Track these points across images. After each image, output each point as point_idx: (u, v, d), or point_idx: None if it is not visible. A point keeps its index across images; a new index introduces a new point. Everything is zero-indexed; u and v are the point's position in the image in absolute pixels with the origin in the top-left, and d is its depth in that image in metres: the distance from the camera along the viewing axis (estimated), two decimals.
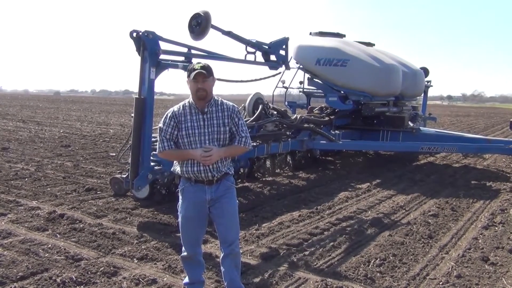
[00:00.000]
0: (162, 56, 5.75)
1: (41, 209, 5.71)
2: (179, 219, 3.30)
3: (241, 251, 4.41)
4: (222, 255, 3.31)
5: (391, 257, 4.38)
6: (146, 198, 6.17)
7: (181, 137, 3.15)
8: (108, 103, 47.25)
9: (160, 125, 3.21)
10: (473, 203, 6.72)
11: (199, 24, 6.23)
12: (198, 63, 3.19)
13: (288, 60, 8.14)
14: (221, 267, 3.34)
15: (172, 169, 3.40)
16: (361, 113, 10.23)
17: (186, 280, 3.44)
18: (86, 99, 63.56)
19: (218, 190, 3.20)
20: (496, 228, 5.43)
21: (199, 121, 3.14)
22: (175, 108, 3.22)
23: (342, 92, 10.03)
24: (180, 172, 3.24)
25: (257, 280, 3.82)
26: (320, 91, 10.93)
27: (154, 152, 6.08)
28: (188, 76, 3.13)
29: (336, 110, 10.44)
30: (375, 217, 5.74)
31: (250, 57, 7.36)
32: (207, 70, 3.11)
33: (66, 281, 3.64)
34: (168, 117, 3.19)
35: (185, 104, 3.21)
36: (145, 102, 5.63)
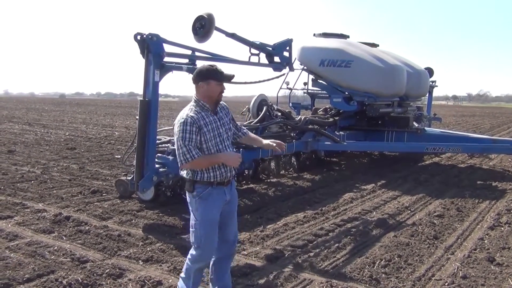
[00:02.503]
0: (166, 59, 5.78)
1: (47, 212, 5.75)
2: (200, 226, 3.11)
3: (245, 253, 4.44)
4: (219, 255, 3.29)
5: (396, 258, 4.37)
6: (151, 200, 6.19)
7: (206, 141, 3.06)
8: (113, 105, 47.45)
9: (181, 134, 3.00)
10: (479, 203, 6.69)
11: (203, 26, 6.25)
12: (212, 65, 3.16)
13: (292, 61, 8.15)
14: (213, 267, 3.34)
15: (180, 174, 3.30)
16: (365, 114, 10.20)
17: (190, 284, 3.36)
18: (91, 101, 63.87)
19: (232, 189, 3.26)
20: (502, 229, 5.40)
21: (216, 122, 3.14)
22: (190, 114, 3.05)
23: (346, 93, 10.01)
24: (198, 178, 3.10)
25: (261, 281, 3.82)
26: (324, 92, 10.93)
27: (158, 154, 6.12)
28: (214, 78, 3.09)
29: (341, 111, 10.42)
30: (380, 218, 5.73)
31: (254, 59, 7.36)
32: None
33: (72, 283, 3.65)
34: (188, 124, 2.99)
35: (196, 109, 3.09)
36: (149, 104, 5.65)
